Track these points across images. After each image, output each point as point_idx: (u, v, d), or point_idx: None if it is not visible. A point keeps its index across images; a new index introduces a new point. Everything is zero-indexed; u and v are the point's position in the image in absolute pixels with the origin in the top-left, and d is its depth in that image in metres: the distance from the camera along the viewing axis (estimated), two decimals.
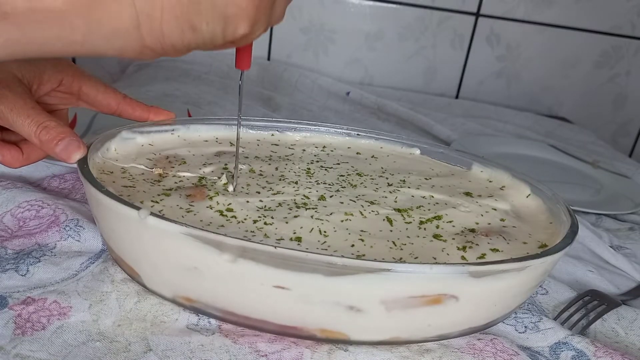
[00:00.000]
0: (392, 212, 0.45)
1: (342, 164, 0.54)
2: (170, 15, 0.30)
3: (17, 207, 0.46)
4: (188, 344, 0.36)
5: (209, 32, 0.31)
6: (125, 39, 0.30)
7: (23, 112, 0.42)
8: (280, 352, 0.36)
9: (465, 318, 0.38)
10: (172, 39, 0.31)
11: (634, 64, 1.19)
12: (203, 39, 0.32)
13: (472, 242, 0.42)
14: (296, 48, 1.18)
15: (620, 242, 0.62)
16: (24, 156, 0.46)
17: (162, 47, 0.31)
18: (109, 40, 0.30)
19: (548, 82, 1.21)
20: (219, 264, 0.34)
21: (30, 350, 0.34)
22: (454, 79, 1.21)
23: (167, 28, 0.30)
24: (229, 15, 0.31)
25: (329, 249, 0.39)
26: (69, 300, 0.38)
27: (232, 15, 0.31)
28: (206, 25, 0.31)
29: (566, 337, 0.41)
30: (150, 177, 0.46)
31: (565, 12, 1.16)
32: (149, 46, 0.31)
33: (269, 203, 0.44)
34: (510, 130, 1.03)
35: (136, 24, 0.30)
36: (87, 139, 0.43)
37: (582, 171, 0.83)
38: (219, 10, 0.31)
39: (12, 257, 0.42)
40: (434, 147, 0.59)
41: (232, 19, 0.31)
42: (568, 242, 0.40)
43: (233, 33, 0.32)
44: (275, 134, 0.58)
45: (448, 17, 1.16)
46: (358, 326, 0.36)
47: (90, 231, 0.45)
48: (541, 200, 0.49)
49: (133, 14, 0.29)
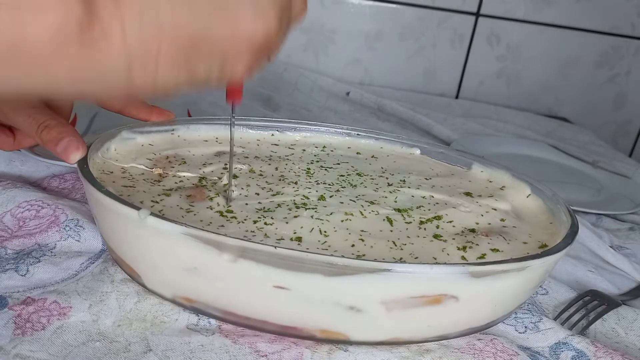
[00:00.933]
0: (392, 212, 0.45)
1: (342, 164, 0.54)
2: (166, 58, 0.28)
3: (17, 207, 0.46)
4: (188, 344, 0.36)
5: (205, 75, 0.30)
6: (115, 81, 0.28)
7: (25, 112, 0.42)
8: (280, 353, 0.36)
9: (465, 318, 0.38)
10: (166, 81, 0.29)
11: (634, 64, 1.19)
12: (198, 80, 0.30)
13: (472, 242, 0.42)
14: (296, 48, 1.18)
15: (620, 242, 0.62)
16: (16, 141, 0.46)
17: (153, 89, 0.29)
18: (94, 83, 0.28)
19: (548, 82, 1.21)
20: (219, 264, 0.34)
21: (30, 350, 0.34)
22: (454, 79, 1.21)
23: (163, 71, 0.29)
24: (228, 58, 0.30)
25: (329, 249, 0.39)
26: (68, 300, 0.38)
27: (232, 58, 0.30)
28: (203, 68, 0.30)
29: (566, 337, 0.41)
30: (150, 177, 0.46)
31: (565, 12, 1.16)
32: (137, 88, 0.29)
33: (268, 203, 0.44)
34: (510, 130, 1.03)
35: (127, 65, 0.28)
36: (87, 138, 0.43)
37: (582, 171, 0.83)
38: (218, 53, 0.30)
39: (12, 257, 0.42)
40: (434, 147, 0.59)
41: (230, 61, 0.30)
42: (568, 242, 0.40)
43: (230, 74, 0.31)
44: (275, 134, 0.58)
45: (448, 17, 1.16)
46: (358, 326, 0.36)
47: (90, 231, 0.45)
48: (541, 200, 0.49)
49: (125, 55, 0.27)
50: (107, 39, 0.26)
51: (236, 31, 0.29)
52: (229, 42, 0.29)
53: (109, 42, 0.26)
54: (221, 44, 0.29)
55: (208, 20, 0.28)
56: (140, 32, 0.27)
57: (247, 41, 0.30)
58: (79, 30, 0.25)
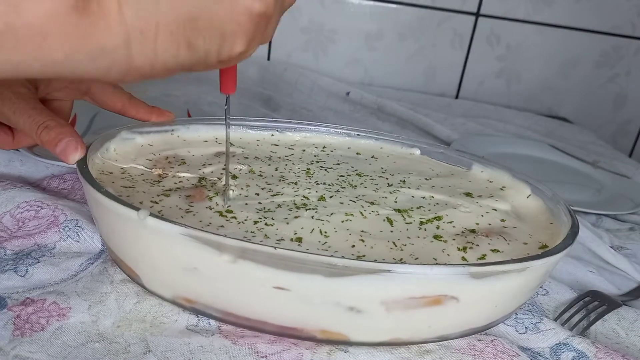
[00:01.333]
0: (393, 213, 0.45)
1: (342, 164, 0.54)
2: (165, 32, 0.28)
3: (16, 208, 0.46)
4: (188, 345, 0.36)
5: (205, 50, 0.30)
6: (113, 59, 0.28)
7: (25, 113, 0.42)
8: (280, 353, 0.36)
9: (465, 319, 0.38)
10: (165, 58, 0.29)
11: (634, 64, 1.19)
12: (198, 57, 0.30)
13: (472, 242, 0.42)
14: (296, 48, 1.18)
15: (620, 242, 0.62)
16: (15, 140, 0.46)
17: (152, 67, 0.29)
18: (93, 60, 0.27)
19: (548, 82, 1.21)
20: (219, 265, 0.34)
21: (30, 351, 0.34)
22: (454, 79, 1.21)
23: (161, 46, 0.28)
24: (227, 33, 0.30)
25: (330, 249, 0.39)
26: (68, 301, 0.38)
27: (230, 33, 0.30)
28: (203, 43, 0.30)
29: (567, 338, 0.41)
30: (149, 177, 0.46)
31: (565, 12, 1.16)
32: (137, 67, 0.29)
33: (268, 204, 0.44)
34: (510, 130, 1.03)
35: (126, 41, 0.27)
36: (87, 139, 0.43)
37: (582, 171, 0.83)
38: (217, 27, 0.30)
39: (11, 257, 0.42)
40: (434, 147, 0.59)
41: (229, 36, 0.30)
42: (569, 243, 0.39)
43: (229, 51, 0.31)
44: (275, 134, 0.58)
45: (448, 17, 1.16)
46: (358, 327, 0.36)
47: (89, 232, 0.44)
48: (541, 201, 0.49)
49: (123, 31, 0.27)
50: (103, 15, 0.26)
51: (234, 5, 0.29)
52: (227, 16, 0.29)
53: (106, 18, 0.26)
54: (220, 18, 0.29)
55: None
56: (137, 7, 0.27)
57: (245, 15, 0.30)
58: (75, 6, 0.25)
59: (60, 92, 0.48)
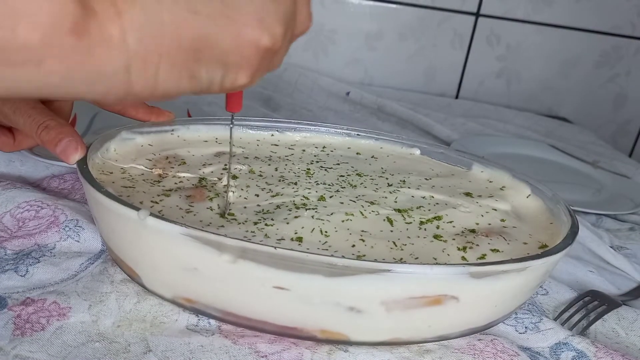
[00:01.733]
0: (393, 213, 0.45)
1: (342, 164, 0.54)
2: (168, 62, 0.27)
3: (16, 208, 0.46)
4: (188, 345, 0.36)
5: (207, 80, 0.29)
6: (111, 84, 0.27)
7: (25, 113, 0.42)
8: (280, 353, 0.36)
9: (465, 319, 0.38)
10: (167, 86, 0.28)
11: (634, 64, 1.19)
12: (200, 86, 0.30)
13: (472, 242, 0.42)
14: (296, 48, 1.18)
15: (620, 242, 0.62)
16: (16, 142, 0.46)
17: (152, 93, 0.28)
18: (91, 84, 0.26)
19: (548, 82, 1.21)
20: (219, 265, 0.34)
21: (30, 351, 0.34)
22: (454, 79, 1.21)
23: (163, 75, 0.28)
24: (231, 64, 0.29)
25: (330, 249, 0.39)
26: (68, 300, 0.38)
27: (234, 64, 0.29)
28: (205, 73, 0.29)
29: (566, 337, 0.41)
30: (149, 177, 0.46)
31: (565, 12, 1.16)
32: (136, 92, 0.28)
33: (268, 204, 0.44)
34: (510, 130, 1.03)
35: (126, 68, 0.26)
36: (87, 139, 0.43)
37: (582, 171, 0.83)
38: (221, 59, 0.29)
39: (12, 257, 0.42)
40: (434, 147, 0.59)
41: (233, 68, 0.29)
42: (568, 243, 0.39)
43: (232, 82, 0.30)
44: (275, 134, 0.58)
45: (448, 17, 1.16)
46: (358, 327, 0.36)
47: (89, 232, 0.44)
48: (541, 201, 0.49)
49: (124, 57, 0.26)
50: (104, 39, 0.25)
51: (240, 37, 0.28)
52: (232, 48, 0.29)
53: (107, 42, 0.25)
54: (224, 49, 0.28)
55: (212, 25, 0.28)
56: (141, 34, 0.26)
57: (251, 48, 0.29)
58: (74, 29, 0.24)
59: None
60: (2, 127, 0.45)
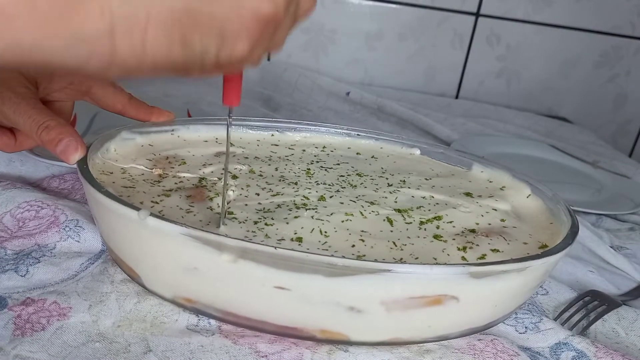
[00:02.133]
0: (393, 213, 0.45)
1: (342, 165, 0.54)
2: (157, 24, 0.24)
3: (16, 208, 0.46)
4: (188, 345, 0.36)
5: (202, 49, 0.26)
6: (92, 48, 0.24)
7: (25, 113, 0.42)
8: (280, 353, 0.36)
9: (465, 319, 0.38)
10: (155, 54, 0.25)
11: (634, 64, 1.19)
12: (193, 56, 0.26)
13: (472, 242, 0.42)
14: (296, 48, 1.18)
15: (620, 242, 0.62)
16: (17, 143, 0.46)
17: (140, 62, 0.25)
18: (69, 47, 0.23)
19: (548, 82, 1.21)
20: (219, 265, 0.34)
21: (30, 351, 0.34)
22: (454, 79, 1.21)
23: (152, 39, 0.25)
24: (228, 32, 0.26)
25: (330, 249, 0.39)
26: (68, 301, 0.38)
27: (232, 33, 0.26)
28: (200, 41, 0.26)
29: (567, 337, 0.41)
30: (150, 177, 0.46)
31: (565, 12, 1.16)
32: (121, 60, 0.25)
33: (268, 204, 0.44)
34: (510, 130, 1.03)
35: (110, 31, 0.23)
36: (87, 139, 0.43)
37: (582, 171, 0.83)
38: (218, 25, 0.26)
39: (12, 257, 0.42)
40: (434, 147, 0.59)
41: (230, 37, 0.26)
42: (568, 243, 0.39)
43: (229, 53, 0.27)
44: (275, 134, 0.58)
45: (448, 17, 1.16)
46: (358, 327, 0.36)
47: (90, 232, 0.44)
48: (541, 201, 0.49)
49: (107, 18, 0.23)
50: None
51: (240, 3, 0.26)
52: (230, 14, 0.26)
53: (87, 2, 0.23)
54: (221, 15, 0.26)
55: None
56: None
57: (251, 16, 0.26)
58: None
59: (60, 93, 0.49)
60: (3, 128, 0.46)
